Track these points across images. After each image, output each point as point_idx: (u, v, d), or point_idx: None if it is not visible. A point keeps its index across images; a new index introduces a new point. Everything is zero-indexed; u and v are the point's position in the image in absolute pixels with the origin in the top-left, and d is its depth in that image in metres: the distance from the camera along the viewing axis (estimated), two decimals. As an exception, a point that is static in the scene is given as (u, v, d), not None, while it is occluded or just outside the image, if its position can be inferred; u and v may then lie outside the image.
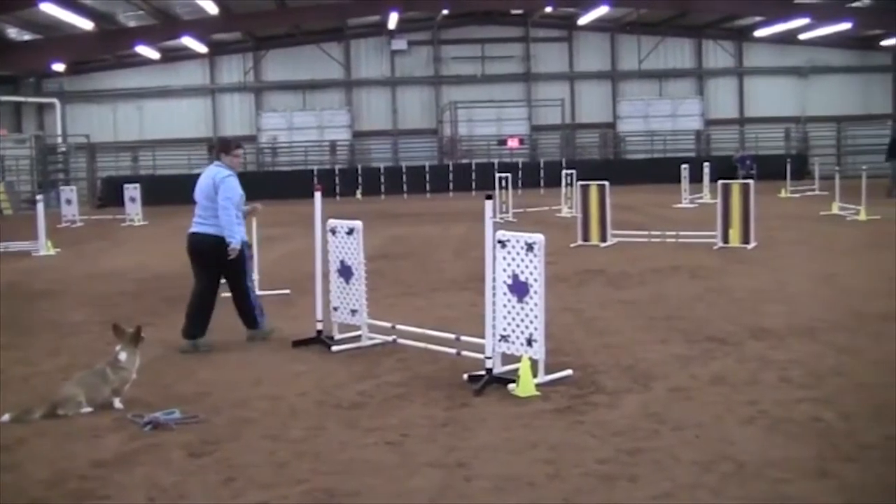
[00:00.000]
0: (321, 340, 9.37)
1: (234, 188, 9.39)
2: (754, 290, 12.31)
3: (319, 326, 9.48)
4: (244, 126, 44.48)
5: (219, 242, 9.32)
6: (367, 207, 30.31)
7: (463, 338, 8.59)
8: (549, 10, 41.46)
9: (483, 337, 7.86)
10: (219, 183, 9.36)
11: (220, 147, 9.80)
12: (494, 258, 7.77)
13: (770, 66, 46.23)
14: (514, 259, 7.67)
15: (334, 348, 9.16)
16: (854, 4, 38.00)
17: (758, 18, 41.87)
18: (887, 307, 10.71)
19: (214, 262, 9.46)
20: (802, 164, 40.86)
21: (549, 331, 7.88)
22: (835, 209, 23.69)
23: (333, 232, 9.55)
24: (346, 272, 9.45)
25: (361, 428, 6.69)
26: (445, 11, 40.88)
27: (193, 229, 9.57)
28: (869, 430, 6.38)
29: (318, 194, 9.47)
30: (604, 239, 17.89)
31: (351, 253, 9.38)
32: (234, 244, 9.25)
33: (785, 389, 7.42)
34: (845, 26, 40.01)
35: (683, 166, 29.24)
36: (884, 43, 44.28)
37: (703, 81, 46.44)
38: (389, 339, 9.32)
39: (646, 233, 18.27)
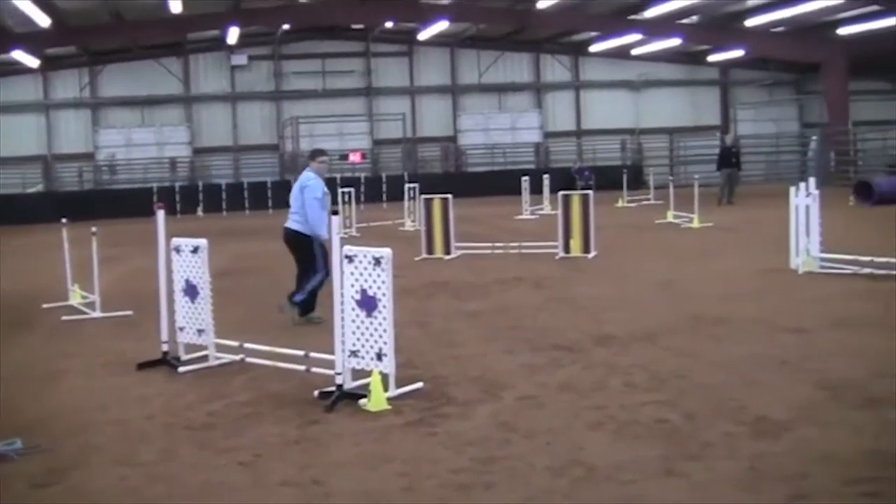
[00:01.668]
0: (167, 362, 9.19)
1: (316, 189, 11.34)
2: (596, 298, 12.60)
3: (165, 347, 9.29)
4: (81, 143, 43.20)
5: (302, 235, 11.41)
6: (209, 225, 29.81)
7: (312, 354, 8.55)
8: (389, 25, 41.63)
9: (332, 352, 7.83)
10: (304, 185, 11.41)
11: (309, 156, 12.08)
12: (342, 273, 7.76)
13: (605, 79, 47.38)
14: (361, 274, 7.68)
15: (181, 369, 9.00)
16: (683, 21, 39.30)
17: (593, 34, 42.87)
18: (721, 311, 11.13)
19: (300, 249, 11.52)
20: (638, 174, 41.98)
21: (399, 344, 7.91)
22: (670, 217, 24.42)
23: (177, 250, 9.39)
24: (191, 291, 9.29)
25: (213, 449, 6.59)
26: (286, 26, 40.64)
27: (286, 224, 11.71)
28: (710, 428, 6.62)
29: (160, 212, 9.30)
30: (448, 252, 18.03)
31: (196, 271, 9.23)
32: (322, 236, 11.14)
33: (630, 393, 7.62)
34: (675, 42, 41.37)
35: (524, 178, 29.71)
36: (711, 58, 45.91)
37: (541, 95, 47.27)
38: (237, 357, 9.21)
39: (489, 245, 18.48)
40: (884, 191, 27.43)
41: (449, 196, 18.37)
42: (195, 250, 9.24)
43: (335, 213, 7.93)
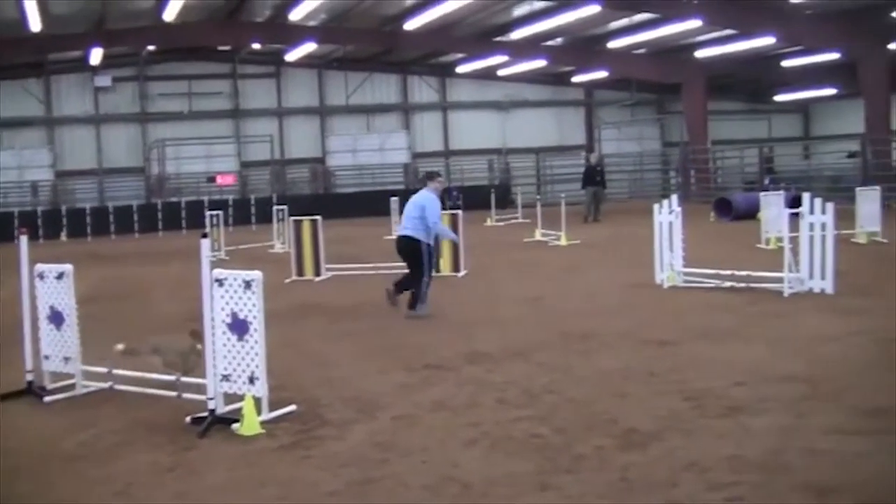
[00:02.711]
0: (32, 391, 8.94)
1: (435, 207, 13.21)
2: (467, 317, 12.73)
3: (30, 377, 9.04)
4: (-65, 167, 41.79)
5: (415, 243, 13.02)
6: (73, 250, 29.08)
7: (183, 379, 8.43)
8: (256, 46, 41.34)
9: (204, 377, 7.75)
10: (425, 204, 13.14)
11: (426, 177, 14.16)
12: (212, 297, 7.69)
13: (472, 100, 47.86)
14: (232, 297, 7.63)
15: (47, 399, 8.76)
16: (547, 43, 40.01)
17: (460, 55, 43.31)
18: (590, 326, 11.36)
19: (412, 255, 13.05)
20: (506, 193, 42.48)
21: (271, 367, 7.86)
22: (538, 236, 24.79)
23: (41, 277, 9.15)
24: (56, 318, 9.07)
25: (86, 479, 6.46)
26: (151, 47, 40.01)
27: (400, 233, 13.48)
28: (582, 441, 6.77)
29: (23, 238, 9.07)
30: (318, 273, 17.95)
31: (61, 298, 9.01)
32: (449, 237, 14.69)
33: (503, 410, 7.73)
34: (541, 63, 42.08)
35: (393, 199, 29.79)
36: (575, 79, 46.83)
37: (409, 116, 47.48)
38: (106, 385, 9.02)
39: (359, 265, 18.48)
40: (741, 206, 28.35)
41: (318, 217, 18.31)
42: (60, 276, 9.02)
43: (205, 235, 7.86)
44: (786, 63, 41.37)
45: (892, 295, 13.03)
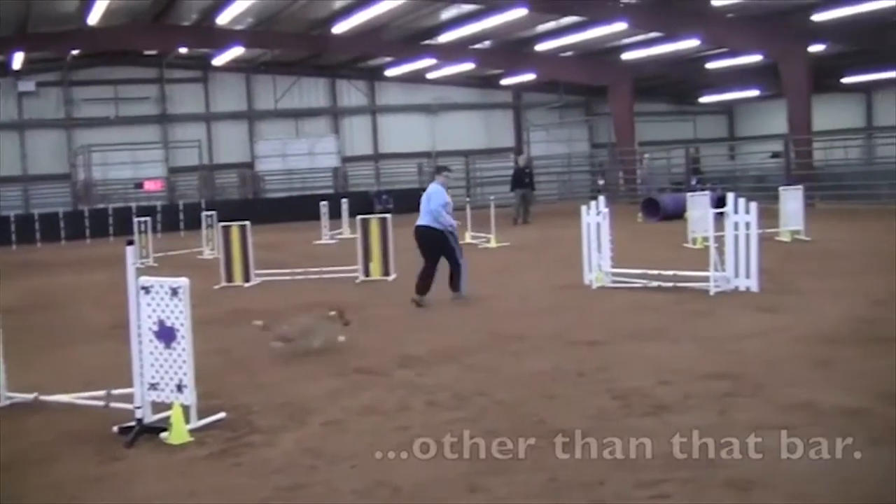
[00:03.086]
0: (-47, 403, 8.78)
1: (441, 197, 14.31)
2: (397, 320, 12.76)
3: (-50, 390, 8.88)
4: None
5: (433, 231, 14.22)
6: (-3, 259, 28.65)
7: (110, 389, 8.34)
8: (183, 50, 40.96)
9: (131, 386, 7.68)
10: (433, 195, 14.41)
11: (435, 172, 15.77)
12: (139, 305, 7.63)
13: (401, 103, 47.89)
14: (158, 305, 7.57)
15: (-32, 410, 8.62)
16: (475, 46, 40.17)
17: (388, 59, 43.31)
18: (520, 327, 11.45)
19: (431, 244, 14.27)
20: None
21: (200, 375, 7.81)
22: (468, 238, 24.84)
23: (-37, 287, 9.02)
24: (-22, 329, 8.93)
25: (11, 492, 6.35)
26: (75, 52, 39.44)
27: (418, 223, 14.49)
28: (511, 442, 6.81)
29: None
30: (247, 279, 17.85)
31: (-16, 308, 8.89)
32: (447, 226, 14.26)
33: (433, 413, 7.76)
34: (469, 66, 42.23)
35: (322, 203, 29.71)
36: (504, 81, 47.04)
37: (338, 120, 47.35)
38: (30, 396, 8.87)
39: (289, 271, 18.41)
40: (669, 207, 28.71)
41: (247, 223, 18.21)
42: (-18, 286, 8.90)
43: (130, 243, 7.78)
44: (710, 65, 41.97)
45: (812, 292, 13.35)
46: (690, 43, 35.34)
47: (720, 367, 8.80)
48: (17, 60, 37.56)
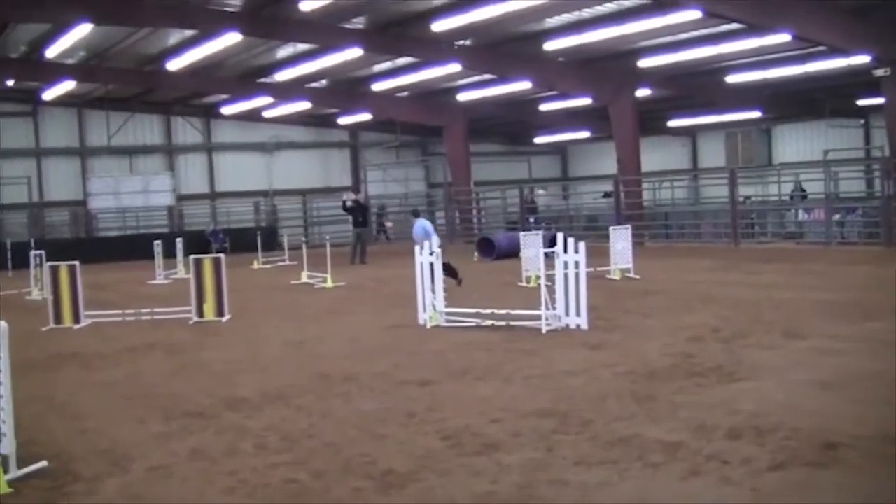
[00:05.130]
0: None
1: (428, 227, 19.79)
2: (229, 362, 12.59)
3: None
4: None
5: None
6: None
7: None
8: (10, 83, 39.73)
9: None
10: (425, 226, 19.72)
11: (414, 214, 21.63)
12: (-45, 350, 7.36)
13: (238, 141, 47.52)
14: (-26, 349, 7.31)
15: None
16: (311, 85, 40.20)
17: (224, 96, 42.96)
18: (352, 368, 11.45)
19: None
20: (273, 235, 42.20)
21: (20, 422, 7.54)
22: (304, 278, 24.75)
23: None
24: None
25: None
26: None
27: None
28: (340, 484, 6.83)
29: None
30: (77, 320, 17.35)
31: None
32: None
33: (262, 456, 7.69)
34: (305, 105, 42.23)
35: (156, 242, 29.16)
36: (341, 120, 47.19)
37: (173, 157, 46.64)
38: None
39: (121, 312, 17.98)
40: (503, 246, 29.18)
41: (76, 263, 17.71)
42: None
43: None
44: (543, 106, 43.06)
45: (638, 328, 13.78)
46: (523, 85, 36.23)
47: (549, 405, 8.98)
48: None
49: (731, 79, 35.25)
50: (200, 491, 6.86)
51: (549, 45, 29.78)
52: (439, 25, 27.19)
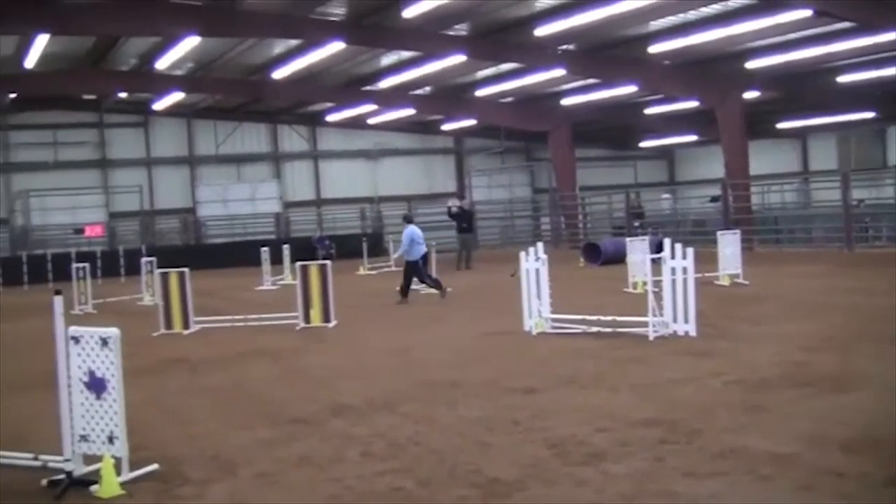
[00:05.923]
0: None
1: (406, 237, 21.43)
2: (335, 368, 12.66)
3: None
4: None
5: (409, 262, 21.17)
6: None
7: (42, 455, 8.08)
8: (122, 95, 40.75)
9: (61, 438, 7.53)
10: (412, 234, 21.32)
11: (406, 220, 22.69)
12: (68, 355, 7.51)
13: (343, 149, 47.99)
14: (88, 355, 7.46)
15: None
16: (415, 92, 40.37)
17: (328, 104, 43.40)
18: (457, 375, 11.40)
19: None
20: (378, 241, 42.51)
21: (132, 426, 7.68)
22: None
23: None
24: None
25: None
26: (12, 95, 39.06)
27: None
28: (445, 492, 6.78)
29: None
30: (187, 326, 17.66)
31: None
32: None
33: (367, 463, 7.69)
34: (409, 112, 42.44)
35: (263, 249, 29.55)
36: (445, 127, 47.31)
37: (280, 165, 47.31)
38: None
39: (229, 317, 18.24)
40: (609, 251, 28.90)
41: (185, 270, 18.02)
42: None
43: (58, 292, 7.68)
44: (648, 110, 42.56)
45: (747, 336, 13.47)
46: (628, 89, 35.85)
47: (656, 413, 8.82)
48: (-47, 104, 37.18)
49: (843, 79, 34.40)
50: (306, 498, 6.88)
51: (655, 48, 29.42)
52: (543, 30, 27.06)
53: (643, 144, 51.46)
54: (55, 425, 7.78)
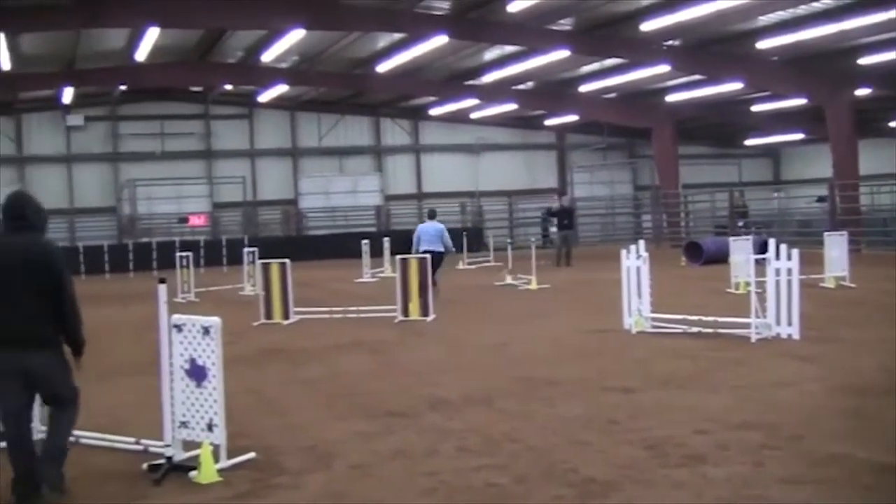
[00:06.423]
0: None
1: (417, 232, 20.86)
2: (432, 362, 12.67)
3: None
4: None
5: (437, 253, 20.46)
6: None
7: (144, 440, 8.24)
8: (228, 87, 41.38)
9: (162, 423, 7.66)
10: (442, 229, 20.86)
11: (431, 216, 21.62)
12: (171, 342, 7.63)
13: (444, 143, 48.06)
14: (190, 343, 7.57)
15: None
16: (518, 87, 40.25)
17: (431, 98, 43.51)
18: (555, 372, 11.32)
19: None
20: (478, 236, 42.50)
21: (230, 414, 7.78)
22: (508, 279, 24.76)
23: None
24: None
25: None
26: (122, 87, 39.97)
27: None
28: (540, 491, 6.73)
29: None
30: (287, 317, 17.85)
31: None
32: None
33: (463, 458, 7.67)
34: (511, 107, 42.33)
35: (364, 241, 29.75)
36: (547, 123, 47.10)
37: (381, 158, 47.59)
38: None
39: (328, 309, 18.40)
40: (711, 251, 28.46)
41: (287, 261, 18.21)
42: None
43: (162, 281, 7.80)
44: (755, 108, 41.80)
45: (852, 340, 13.13)
46: (734, 85, 35.25)
47: (757, 417, 8.64)
48: (67, 95, 38.14)
49: (963, 76, 33.32)
50: (401, 491, 6.88)
51: (762, 44, 28.86)
52: (648, 25, 26.73)
53: (748, 142, 50.59)
54: (156, 411, 7.93)
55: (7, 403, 6.80)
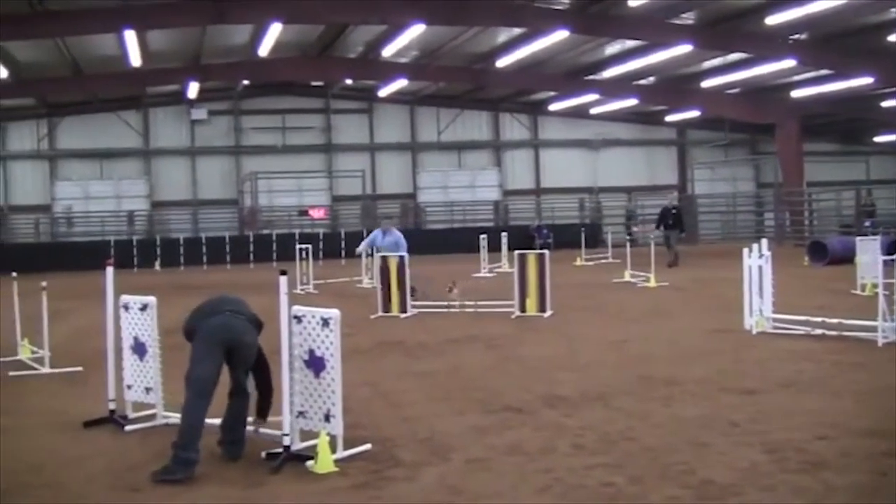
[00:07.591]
0: (114, 420, 9.05)
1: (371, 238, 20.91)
2: (549, 359, 12.60)
3: (112, 405, 9.16)
4: (38, 195, 42.88)
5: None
6: (165, 279, 29.66)
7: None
8: (348, 82, 41.84)
9: (281, 413, 7.77)
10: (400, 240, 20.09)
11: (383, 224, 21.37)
12: (290, 333, 7.74)
13: (563, 138, 47.85)
14: (310, 334, 7.67)
15: (128, 428, 8.87)
16: (639, 82, 39.84)
17: (551, 93, 43.35)
18: (673, 371, 11.16)
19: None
20: (596, 232, 42.24)
21: (347, 405, 7.86)
22: (626, 276, 24.52)
23: (126, 308, 9.30)
24: (139, 349, 9.20)
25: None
26: (245, 82, 40.76)
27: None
28: (656, 491, 6.63)
29: (109, 269, 9.21)
30: (404, 310, 17.96)
31: (144, 329, 9.15)
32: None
33: (578, 456, 7.61)
34: (632, 102, 41.91)
35: (482, 236, 29.79)
36: (668, 118, 46.51)
37: (500, 153, 47.61)
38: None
39: (444, 303, 18.46)
40: (837, 250, 27.75)
41: (404, 255, 18.35)
42: (144, 308, 9.16)
43: (283, 273, 7.90)
44: (885, 103, 40.59)
45: None
46: (863, 80, 34.26)
47: (882, 424, 8.37)
48: (192, 90, 39.03)
49: None
50: (515, 486, 6.86)
51: (895, 37, 28.01)
52: (774, 19, 26.20)
53: (877, 139, 49.17)
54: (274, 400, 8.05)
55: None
